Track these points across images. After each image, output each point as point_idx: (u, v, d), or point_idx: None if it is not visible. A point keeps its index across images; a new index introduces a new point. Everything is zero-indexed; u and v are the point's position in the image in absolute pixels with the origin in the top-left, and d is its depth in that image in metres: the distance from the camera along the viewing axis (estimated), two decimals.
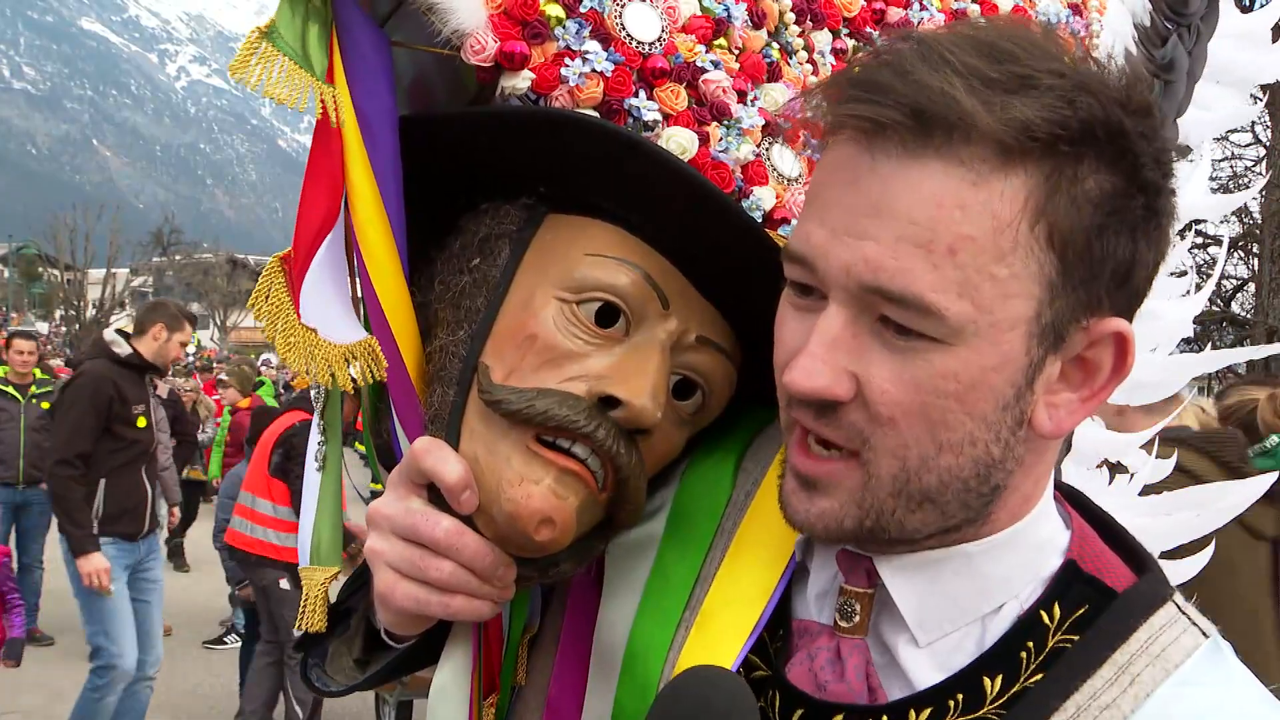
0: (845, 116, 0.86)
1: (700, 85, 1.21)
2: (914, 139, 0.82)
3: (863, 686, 0.95)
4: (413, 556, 1.09)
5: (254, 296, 1.14)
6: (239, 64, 1.05)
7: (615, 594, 1.17)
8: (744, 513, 1.14)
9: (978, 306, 0.82)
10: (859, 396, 0.87)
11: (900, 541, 0.94)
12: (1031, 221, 0.82)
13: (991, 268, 0.82)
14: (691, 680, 0.92)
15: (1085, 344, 0.88)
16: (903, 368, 0.85)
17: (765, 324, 1.00)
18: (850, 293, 0.86)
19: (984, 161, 0.81)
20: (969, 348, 0.84)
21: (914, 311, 0.83)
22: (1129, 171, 0.83)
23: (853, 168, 0.86)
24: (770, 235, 1.19)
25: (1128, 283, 0.87)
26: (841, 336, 0.87)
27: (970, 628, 0.95)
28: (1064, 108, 0.80)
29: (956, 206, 0.81)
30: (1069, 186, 0.82)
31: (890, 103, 0.82)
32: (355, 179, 1.14)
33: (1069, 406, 0.90)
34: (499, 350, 1.12)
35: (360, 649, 1.28)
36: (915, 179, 0.82)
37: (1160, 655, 0.90)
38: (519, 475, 1.08)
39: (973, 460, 0.88)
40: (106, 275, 60.83)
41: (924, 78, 0.81)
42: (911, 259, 0.82)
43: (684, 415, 1.17)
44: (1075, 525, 1.01)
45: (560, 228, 1.17)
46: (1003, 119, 0.79)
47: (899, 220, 0.82)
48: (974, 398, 0.85)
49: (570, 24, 1.16)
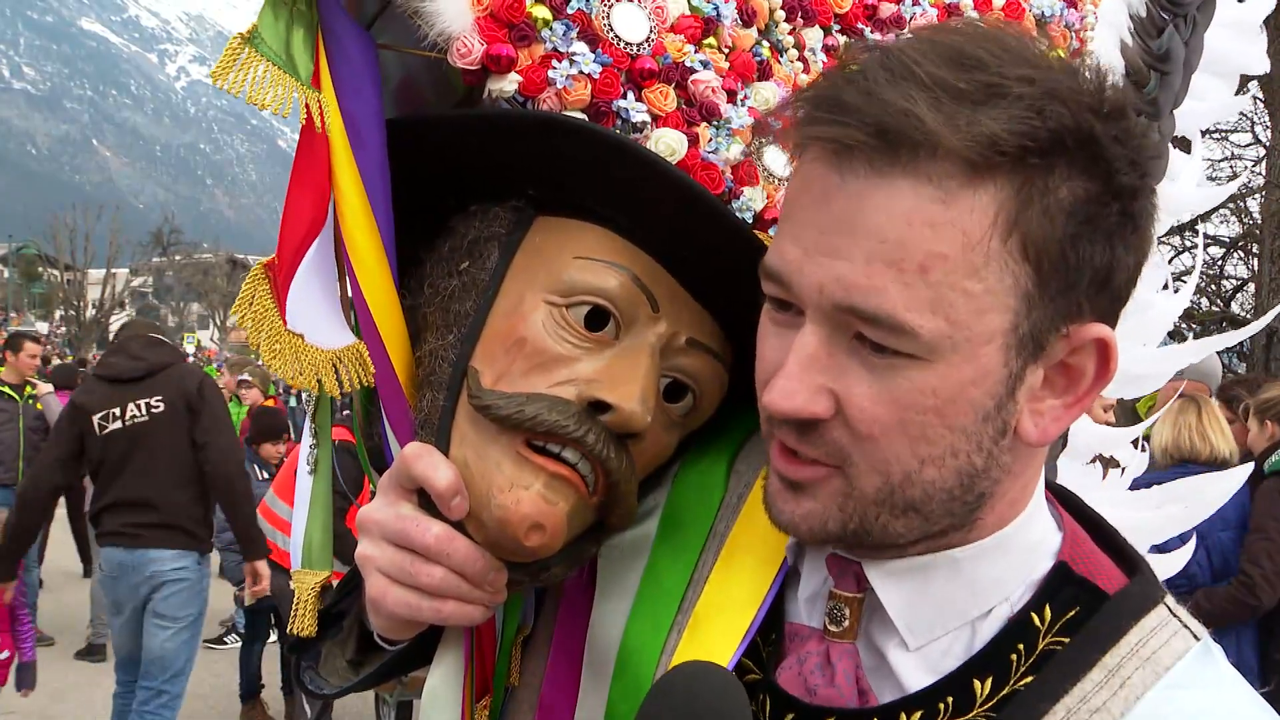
0: (810, 137, 0.85)
1: (689, 85, 1.21)
2: (880, 157, 0.81)
3: (852, 690, 0.95)
4: (404, 562, 1.08)
5: (238, 303, 1.13)
6: (222, 70, 1.04)
7: (608, 596, 1.17)
8: (736, 515, 1.14)
9: (952, 323, 0.82)
10: (839, 414, 0.87)
11: (886, 546, 0.94)
12: (1004, 235, 0.81)
13: (964, 283, 0.81)
14: (682, 675, 0.92)
15: (1067, 351, 0.88)
16: (881, 385, 0.85)
17: (756, 325, 1.00)
18: (825, 311, 0.85)
19: (952, 178, 0.80)
20: (946, 363, 0.83)
21: (888, 330, 0.82)
22: (1103, 177, 0.82)
23: (822, 185, 0.85)
24: (760, 237, 1.18)
25: (1107, 288, 0.86)
26: (818, 355, 0.86)
27: (960, 631, 0.94)
28: (1033, 118, 0.79)
29: (926, 225, 0.80)
30: (1040, 197, 0.81)
31: (854, 123, 0.81)
32: (342, 183, 1.14)
33: (1054, 413, 0.90)
34: (488, 354, 1.12)
35: (354, 650, 1.27)
36: (884, 198, 0.81)
37: (1151, 658, 0.89)
38: (509, 481, 1.07)
39: (955, 471, 0.88)
40: (106, 275, 60.93)
41: (887, 95, 0.80)
42: (883, 278, 0.81)
43: (675, 418, 1.17)
44: (1067, 527, 1.00)
45: (549, 230, 1.16)
46: (969, 135, 0.78)
47: (870, 239, 0.82)
48: (953, 411, 0.85)
49: (557, 25, 1.15)
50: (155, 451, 5.64)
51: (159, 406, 5.70)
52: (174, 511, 5.66)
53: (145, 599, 5.72)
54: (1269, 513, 5.02)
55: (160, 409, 5.69)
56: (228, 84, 1.03)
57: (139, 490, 5.63)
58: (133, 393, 5.69)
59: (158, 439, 5.65)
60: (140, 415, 5.68)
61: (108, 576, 5.78)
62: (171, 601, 5.70)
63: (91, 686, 8.11)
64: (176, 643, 5.78)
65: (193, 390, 5.76)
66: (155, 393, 5.71)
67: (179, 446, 5.69)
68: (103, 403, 5.68)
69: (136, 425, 5.66)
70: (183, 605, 5.75)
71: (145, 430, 5.66)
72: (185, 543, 5.72)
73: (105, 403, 5.68)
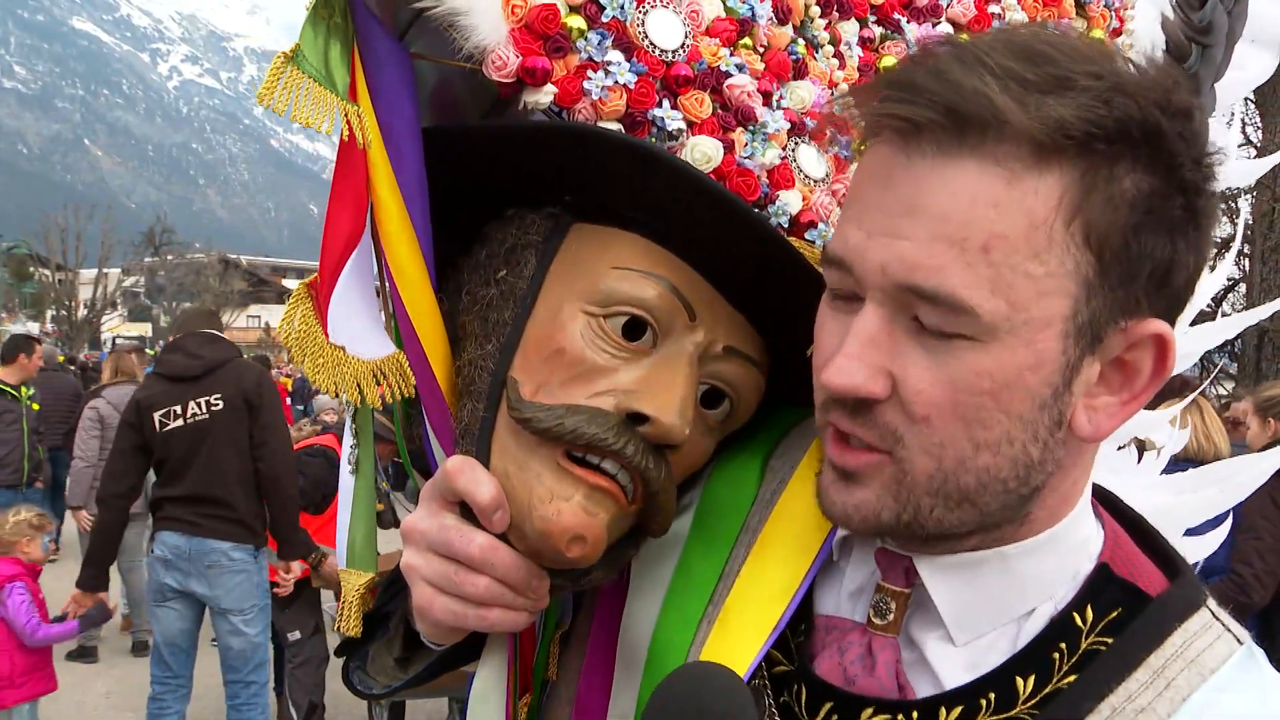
0: (881, 117, 0.86)
1: (725, 91, 1.20)
2: (949, 138, 0.82)
3: (892, 683, 0.96)
4: (448, 572, 1.09)
5: (281, 323, 1.13)
6: (267, 91, 1.03)
7: (641, 592, 1.18)
8: (770, 510, 1.14)
9: (1012, 304, 0.82)
10: (894, 395, 0.87)
11: (939, 539, 0.94)
12: (1067, 219, 0.81)
13: (1026, 265, 0.82)
14: (684, 677, 0.92)
15: (1124, 346, 0.88)
16: (938, 366, 0.85)
17: (794, 330, 1.00)
18: (886, 292, 0.86)
19: (1018, 160, 0.81)
20: (1004, 346, 0.83)
21: (948, 309, 0.83)
22: (1166, 172, 0.83)
23: (888, 169, 0.86)
24: (795, 243, 1.18)
25: (1167, 285, 0.86)
26: (877, 336, 0.87)
27: (1006, 628, 0.95)
28: (1100, 107, 0.80)
29: (990, 204, 0.81)
30: (1105, 185, 0.81)
31: (925, 102, 0.82)
32: (381, 194, 1.14)
33: (1108, 410, 0.90)
34: (527, 364, 1.12)
35: (400, 648, 1.29)
36: (949, 177, 0.82)
37: (1195, 660, 0.90)
38: (550, 492, 1.08)
39: (1010, 460, 0.88)
40: (98, 275, 60.61)
41: (959, 77, 0.81)
42: (945, 257, 0.82)
43: (711, 424, 1.17)
44: (1108, 528, 1.01)
45: (586, 238, 1.16)
46: (1037, 117, 0.79)
47: (933, 218, 0.82)
48: (1010, 396, 0.85)
49: (592, 35, 1.15)
50: (217, 449, 5.72)
51: (219, 404, 5.75)
52: (235, 506, 5.75)
53: (198, 595, 5.80)
54: (1260, 512, 5.05)
55: (220, 406, 5.75)
56: (274, 104, 1.02)
57: (204, 487, 5.71)
58: (193, 391, 5.74)
59: (219, 437, 5.74)
60: (201, 413, 5.73)
61: (160, 560, 5.80)
62: (235, 595, 5.80)
63: (83, 688, 8.08)
64: (252, 632, 5.92)
65: (252, 387, 5.84)
66: (215, 390, 5.77)
67: (240, 443, 5.77)
68: (163, 400, 5.73)
69: (198, 423, 5.72)
70: (246, 597, 5.85)
71: (206, 428, 5.73)
72: (243, 535, 5.80)
73: (166, 400, 5.73)
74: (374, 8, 1.14)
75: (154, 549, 5.86)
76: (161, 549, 5.79)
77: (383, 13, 1.16)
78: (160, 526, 5.84)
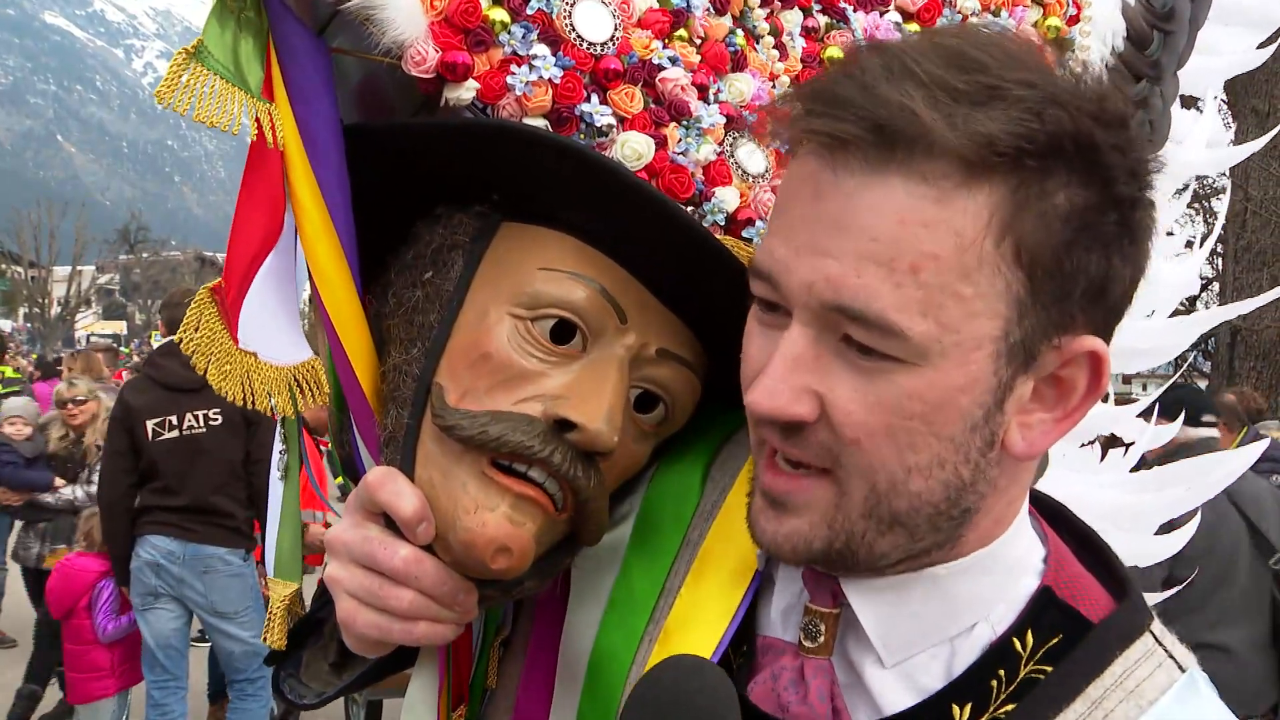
0: (806, 131, 0.83)
1: (657, 84, 1.17)
2: (875, 154, 0.79)
3: (826, 709, 0.93)
4: (372, 585, 1.06)
5: (183, 329, 1.09)
6: (166, 89, 0.99)
7: (582, 602, 1.16)
8: (710, 523, 1.12)
9: (942, 326, 0.80)
10: (824, 417, 0.85)
11: (868, 567, 0.92)
12: (997, 238, 0.79)
13: (956, 286, 0.79)
14: (668, 669, 0.90)
15: (1058, 363, 0.85)
16: (867, 388, 0.83)
17: (730, 329, 0.97)
18: (813, 311, 0.83)
19: (947, 177, 0.78)
20: (934, 368, 0.81)
21: (876, 331, 0.80)
22: (1101, 186, 0.80)
23: (815, 182, 0.83)
24: (729, 242, 1.15)
25: (1102, 299, 0.84)
26: (804, 356, 0.84)
27: (938, 649, 0.93)
28: (1031, 120, 0.77)
29: (919, 224, 0.78)
30: (1036, 202, 0.79)
31: (850, 117, 0.79)
32: (300, 194, 1.10)
33: (1043, 427, 0.88)
34: (453, 369, 1.09)
35: (335, 653, 1.26)
36: (877, 195, 0.79)
37: (1135, 690, 0.88)
38: (475, 502, 1.04)
39: (942, 483, 0.86)
40: (72, 273, 60.25)
41: (884, 91, 0.78)
42: (874, 277, 0.79)
43: (646, 429, 1.14)
44: (1052, 546, 0.98)
45: (515, 238, 1.13)
46: (965, 133, 0.76)
47: (861, 238, 0.79)
48: (941, 419, 0.83)
49: (516, 28, 1.11)
50: (213, 464, 5.63)
51: (217, 419, 5.63)
52: (231, 514, 5.69)
53: (188, 599, 5.72)
54: None
55: (218, 421, 5.64)
56: (172, 103, 0.98)
57: (197, 498, 5.61)
58: (189, 403, 5.58)
59: (215, 451, 5.64)
60: (198, 426, 5.61)
61: (149, 565, 5.67)
62: (230, 598, 5.73)
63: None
64: (248, 635, 5.82)
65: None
66: (213, 404, 5.61)
67: (235, 458, 5.68)
68: (157, 409, 5.59)
69: (193, 436, 5.61)
70: (240, 598, 5.77)
71: (202, 441, 5.62)
72: (236, 540, 5.74)
73: (160, 409, 5.59)
74: (289, 1, 1.10)
75: (140, 553, 5.75)
76: (151, 553, 5.67)
77: (299, 6, 1.12)
78: (148, 531, 5.71)
